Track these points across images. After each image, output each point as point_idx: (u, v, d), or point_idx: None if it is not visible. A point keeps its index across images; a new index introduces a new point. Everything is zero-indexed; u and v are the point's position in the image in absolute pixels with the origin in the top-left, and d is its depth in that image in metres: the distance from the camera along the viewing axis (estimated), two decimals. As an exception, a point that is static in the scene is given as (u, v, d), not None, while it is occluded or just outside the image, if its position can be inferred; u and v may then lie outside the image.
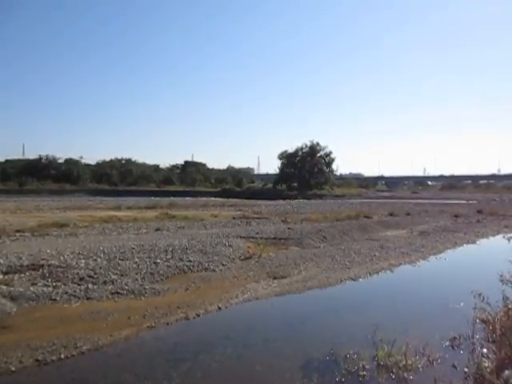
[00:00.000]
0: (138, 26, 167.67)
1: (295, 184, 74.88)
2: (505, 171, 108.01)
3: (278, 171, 79.86)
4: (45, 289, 7.77)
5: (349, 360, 5.04)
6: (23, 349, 5.21)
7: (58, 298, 7.35)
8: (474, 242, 16.43)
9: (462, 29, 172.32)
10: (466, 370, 4.77)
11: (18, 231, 15.26)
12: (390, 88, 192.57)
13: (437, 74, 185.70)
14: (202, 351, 5.41)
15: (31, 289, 7.70)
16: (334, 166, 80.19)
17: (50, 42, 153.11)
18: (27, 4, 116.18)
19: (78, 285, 8.17)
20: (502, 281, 9.27)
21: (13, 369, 4.74)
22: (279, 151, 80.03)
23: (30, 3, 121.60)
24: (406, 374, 4.71)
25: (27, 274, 8.69)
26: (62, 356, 5.09)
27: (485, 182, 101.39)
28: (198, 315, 6.85)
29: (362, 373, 4.76)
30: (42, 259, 9.79)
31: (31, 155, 78.87)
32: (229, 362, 5.13)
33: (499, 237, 18.58)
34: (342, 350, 5.30)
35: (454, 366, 4.94)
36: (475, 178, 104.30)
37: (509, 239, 17.39)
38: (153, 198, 48.11)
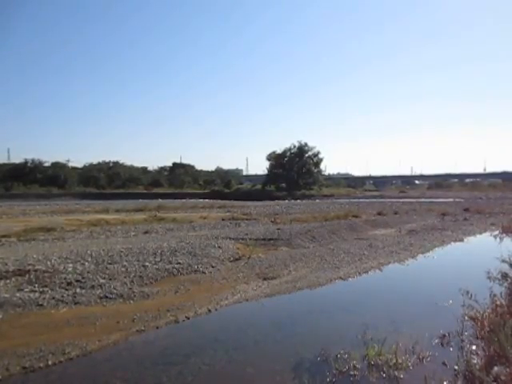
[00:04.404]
0: (124, 28, 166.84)
1: (284, 185, 75.09)
2: (490, 170, 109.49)
3: (266, 172, 79.98)
4: (31, 294, 7.65)
5: (339, 360, 5.03)
6: (10, 356, 5.10)
7: (45, 304, 7.23)
8: (461, 240, 16.59)
9: (449, 25, 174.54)
10: (455, 367, 4.79)
11: (3, 236, 15.03)
12: (377, 87, 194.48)
13: (423, 72, 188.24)
14: (192, 354, 5.36)
15: (17, 295, 7.57)
16: (322, 167, 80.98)
17: (34, 45, 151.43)
18: (14, 5, 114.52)
19: (66, 290, 8.06)
20: (489, 278, 9.36)
21: (-1, 377, 4.65)
22: (267, 152, 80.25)
23: (18, 3, 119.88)
24: (396, 373, 4.72)
25: (13, 279, 8.56)
26: (50, 363, 5.00)
27: (471, 180, 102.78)
28: (188, 318, 6.79)
29: (352, 372, 4.76)
30: (29, 264, 9.64)
31: (17, 159, 78.04)
32: (219, 365, 5.08)
33: (486, 234, 18.81)
34: (333, 350, 5.29)
35: (443, 364, 4.96)
36: (461, 177, 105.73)
37: (495, 237, 17.60)
38: (141, 200, 47.84)
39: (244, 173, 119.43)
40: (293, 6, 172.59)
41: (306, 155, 76.97)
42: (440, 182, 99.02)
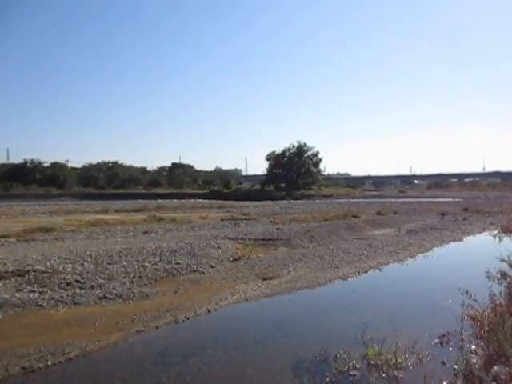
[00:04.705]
0: (124, 28, 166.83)
1: (283, 185, 75.10)
2: (489, 169, 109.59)
3: (265, 172, 79.99)
4: (31, 295, 7.63)
5: (339, 360, 5.03)
6: (9, 356, 5.10)
7: (44, 304, 7.22)
8: (460, 240, 16.60)
9: (448, 26, 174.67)
10: (455, 366, 4.80)
11: (2, 236, 15.01)
12: (376, 87, 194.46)
13: (422, 72, 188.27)
14: (191, 354, 5.36)
15: (17, 295, 7.55)
16: (321, 166, 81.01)
17: (34, 45, 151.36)
18: (14, 5, 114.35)
19: (65, 290, 8.04)
20: (488, 277, 9.37)
21: (-2, 377, 4.64)
22: (267, 152, 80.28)
23: (17, 4, 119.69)
24: (396, 373, 4.72)
25: (12, 280, 8.54)
26: (49, 363, 5.00)
27: (470, 180, 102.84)
28: (188, 318, 6.79)
29: (352, 372, 4.76)
30: (28, 265, 9.62)
31: (16, 159, 78.06)
32: (219, 365, 5.08)
33: (485, 234, 18.82)
34: (333, 350, 5.29)
35: (443, 363, 4.96)
36: (461, 177, 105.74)
37: (495, 236, 17.62)
38: (140, 200, 47.82)
39: (243, 173, 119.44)
40: (292, 6, 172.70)
41: (305, 155, 76.99)
42: (439, 182, 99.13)
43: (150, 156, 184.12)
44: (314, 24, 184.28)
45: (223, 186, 79.35)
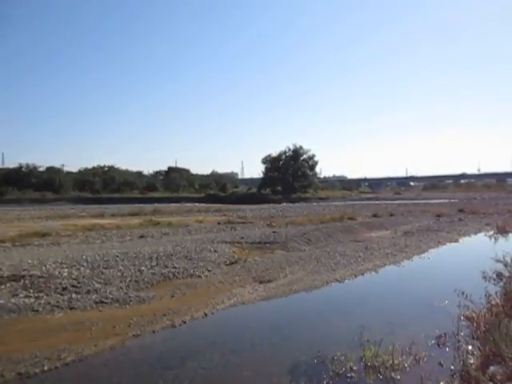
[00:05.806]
0: (122, 31, 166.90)
1: (279, 188, 75.18)
2: (484, 170, 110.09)
3: (262, 175, 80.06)
4: (26, 300, 7.60)
5: (336, 362, 5.03)
6: (5, 362, 5.06)
7: (40, 309, 7.18)
8: (456, 241, 16.67)
9: (445, 27, 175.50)
10: (452, 367, 4.81)
11: (-2, 242, 14.94)
12: (373, 90, 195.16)
13: (418, 74, 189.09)
14: (188, 358, 5.34)
15: (12, 300, 7.52)
16: (317, 169, 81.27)
17: (31, 49, 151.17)
18: (11, 7, 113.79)
19: (61, 295, 8.02)
20: (484, 278, 9.40)
21: (-6, 383, 4.61)
22: (263, 155, 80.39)
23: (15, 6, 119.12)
24: (393, 374, 4.72)
25: (8, 285, 8.51)
26: (46, 368, 4.96)
27: (465, 181, 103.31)
28: (184, 322, 6.77)
29: (349, 374, 4.76)
30: (24, 270, 9.59)
31: (11, 164, 77.71)
32: (216, 369, 5.07)
33: (481, 235, 18.91)
34: (330, 352, 5.28)
35: (440, 364, 4.97)
36: (456, 178, 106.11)
37: (490, 237, 17.69)
38: (136, 204, 47.66)
39: (239, 176, 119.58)
40: (291, 8, 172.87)
41: (301, 158, 77.16)
42: (435, 183, 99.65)
43: (146, 160, 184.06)
44: (312, 26, 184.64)
45: (219, 190, 79.34)
